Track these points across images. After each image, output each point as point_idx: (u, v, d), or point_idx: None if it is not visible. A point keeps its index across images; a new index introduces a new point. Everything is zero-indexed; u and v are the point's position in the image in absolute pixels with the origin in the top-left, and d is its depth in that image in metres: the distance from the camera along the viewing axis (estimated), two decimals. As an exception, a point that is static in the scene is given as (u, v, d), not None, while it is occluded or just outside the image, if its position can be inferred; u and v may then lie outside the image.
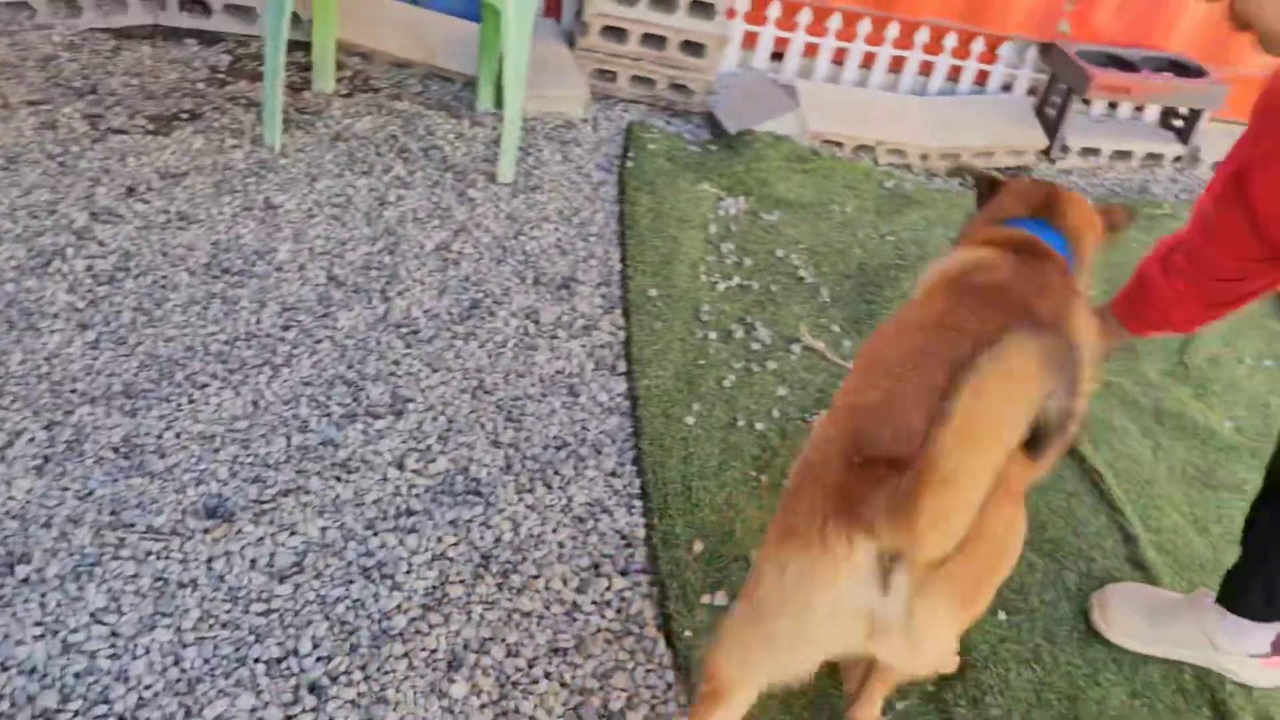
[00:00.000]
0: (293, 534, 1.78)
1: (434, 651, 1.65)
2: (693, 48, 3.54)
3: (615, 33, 3.51)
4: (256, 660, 1.59)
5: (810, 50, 3.91)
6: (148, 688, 1.52)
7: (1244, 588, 1.79)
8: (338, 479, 1.91)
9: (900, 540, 1.09)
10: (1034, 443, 1.05)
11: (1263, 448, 2.50)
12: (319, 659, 1.61)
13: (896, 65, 4.01)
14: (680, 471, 2.07)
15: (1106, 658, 1.89)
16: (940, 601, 1.15)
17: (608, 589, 1.82)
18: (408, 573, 1.76)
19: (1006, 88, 4.14)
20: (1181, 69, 4.03)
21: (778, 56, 3.91)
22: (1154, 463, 2.38)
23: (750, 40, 3.85)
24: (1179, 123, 4.15)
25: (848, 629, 1.18)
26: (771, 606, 1.21)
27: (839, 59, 3.94)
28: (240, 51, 3.30)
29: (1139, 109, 4.26)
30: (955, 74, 4.07)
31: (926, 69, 4.03)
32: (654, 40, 3.52)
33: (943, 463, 1.02)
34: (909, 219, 3.23)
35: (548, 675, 1.66)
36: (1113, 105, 4.23)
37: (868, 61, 3.98)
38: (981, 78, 4.10)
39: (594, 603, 1.79)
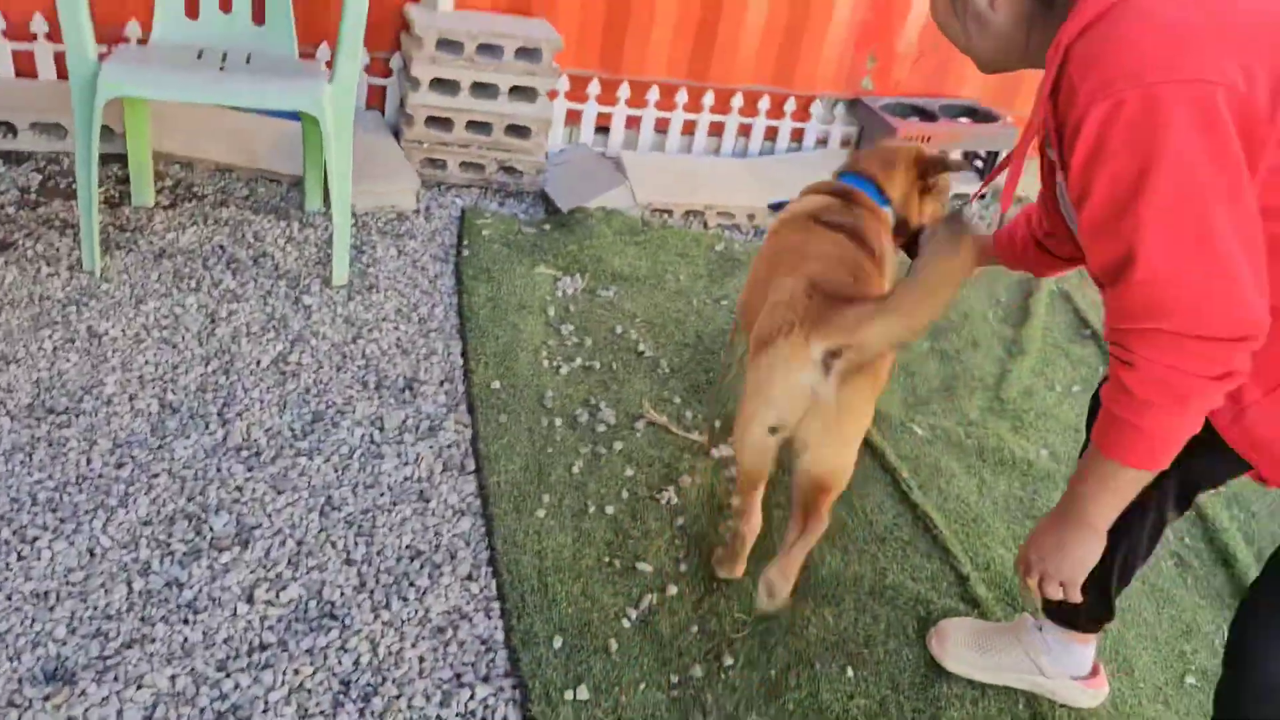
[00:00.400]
0: (140, 688, 1.74)
1: (298, 791, 1.64)
2: (519, 130, 3.63)
3: (440, 122, 3.56)
4: (110, 829, 1.54)
5: (633, 122, 4.05)
6: None
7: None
8: (185, 621, 1.88)
9: (845, 343, 1.65)
10: None
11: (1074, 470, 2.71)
12: (177, 818, 1.57)
13: (717, 130, 4.20)
14: (535, 567, 2.12)
15: (950, 695, 2.02)
16: (859, 387, 1.72)
17: (471, 699, 1.84)
18: (265, 712, 1.74)
19: (822, 142, 4.38)
20: (975, 114, 4.35)
21: (603, 130, 4.04)
22: (979, 500, 2.56)
23: (574, 117, 3.97)
24: (979, 163, 4.46)
25: (799, 400, 1.74)
26: (756, 387, 1.79)
27: (662, 128, 4.10)
28: (51, 169, 3.21)
29: (943, 153, 4.57)
30: (772, 134, 4.28)
31: (746, 131, 4.23)
32: (480, 126, 3.59)
33: (896, 305, 1.58)
34: (739, 281, 3.37)
35: (416, 798, 1.67)
36: (920, 151, 4.52)
37: (689, 129, 4.15)
38: (798, 135, 4.32)
39: (458, 715, 1.81)
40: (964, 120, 4.33)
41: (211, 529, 2.08)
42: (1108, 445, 1.33)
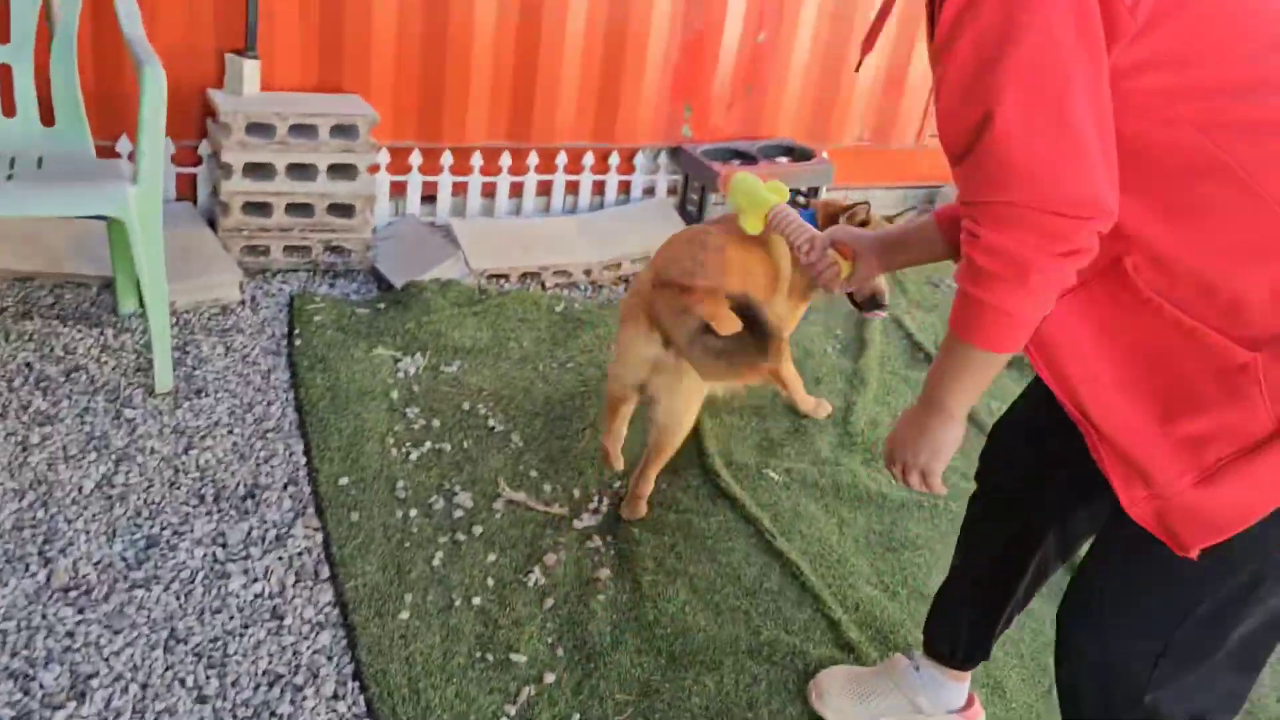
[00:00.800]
0: None
1: None
2: (342, 209, 3.53)
3: (258, 207, 3.43)
4: None
5: (459, 189, 4.01)
6: None
7: (931, 630, 2.03)
8: (20, 796, 1.71)
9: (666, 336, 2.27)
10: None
11: (928, 498, 2.81)
12: None
13: (544, 188, 4.20)
14: (405, 675, 2.03)
15: (835, 745, 2.04)
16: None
17: (350, 830, 1.75)
18: None
19: (649, 192, 4.44)
20: (792, 152, 4.51)
21: (430, 199, 3.98)
22: (840, 539, 2.61)
23: (399, 189, 3.90)
24: (801, 199, 4.62)
25: (646, 366, 2.36)
26: (618, 355, 2.45)
27: (489, 192, 4.08)
28: None
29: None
30: (600, 188, 4.32)
31: (573, 187, 4.25)
32: (301, 208, 3.48)
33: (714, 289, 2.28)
34: (583, 341, 3.37)
35: None
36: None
37: (516, 190, 4.14)
38: (624, 187, 4.37)
39: None
40: (782, 160, 4.47)
41: (41, 685, 1.90)
42: (959, 326, 1.34)
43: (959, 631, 1.99)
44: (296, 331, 3.14)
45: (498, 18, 3.78)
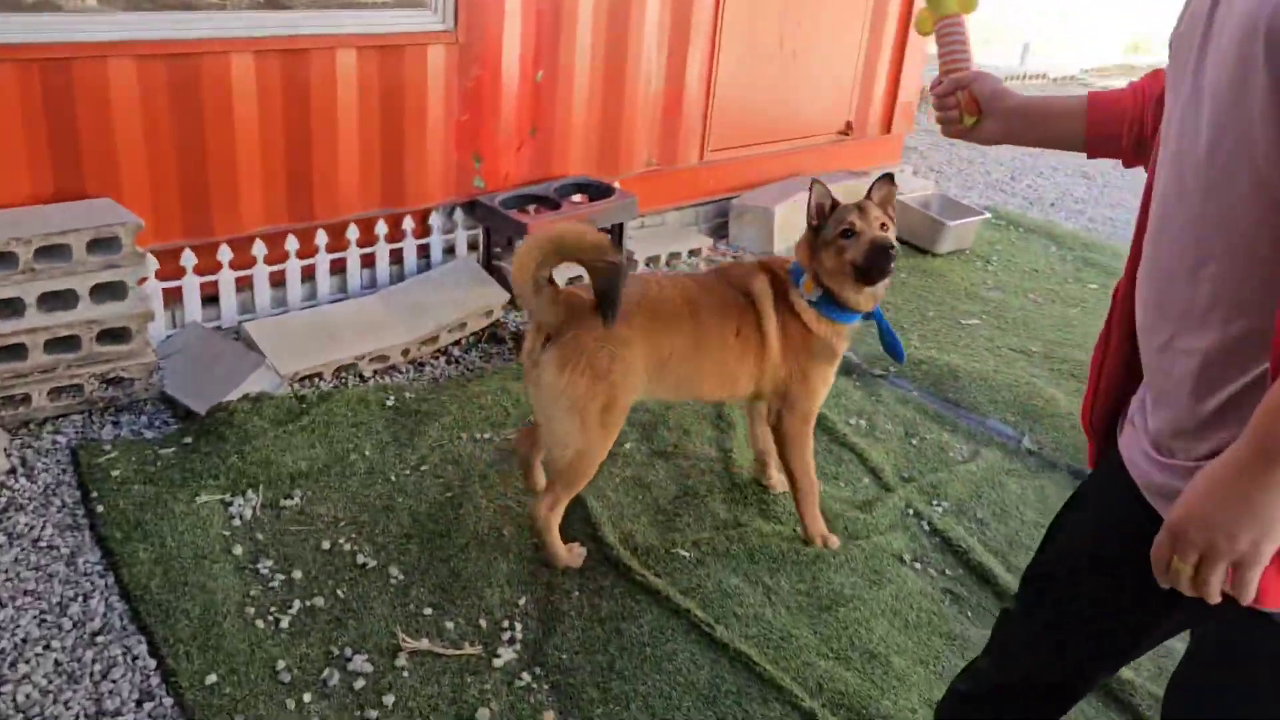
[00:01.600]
0: None
1: None
2: (114, 334, 3.00)
3: (10, 351, 2.85)
4: None
5: (244, 283, 3.54)
6: None
7: None
8: None
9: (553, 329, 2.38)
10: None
11: (844, 547, 2.71)
12: None
13: (339, 267, 3.80)
14: None
15: None
16: (554, 354, 2.36)
17: None
18: None
19: (450, 251, 4.13)
20: (588, 189, 4.33)
21: (212, 300, 3.49)
22: (774, 611, 2.46)
23: (174, 295, 3.39)
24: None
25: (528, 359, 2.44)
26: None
27: (279, 280, 3.63)
28: None
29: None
30: (398, 257, 3.96)
31: (369, 261, 3.88)
32: (63, 343, 2.92)
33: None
34: (430, 436, 3.03)
35: None
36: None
37: (309, 273, 3.71)
38: (424, 251, 4.04)
39: None
40: (578, 198, 4.28)
41: None
42: None
43: None
44: (93, 495, 2.62)
45: (259, 93, 3.36)
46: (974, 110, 1.62)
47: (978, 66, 1.68)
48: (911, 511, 2.95)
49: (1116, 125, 1.51)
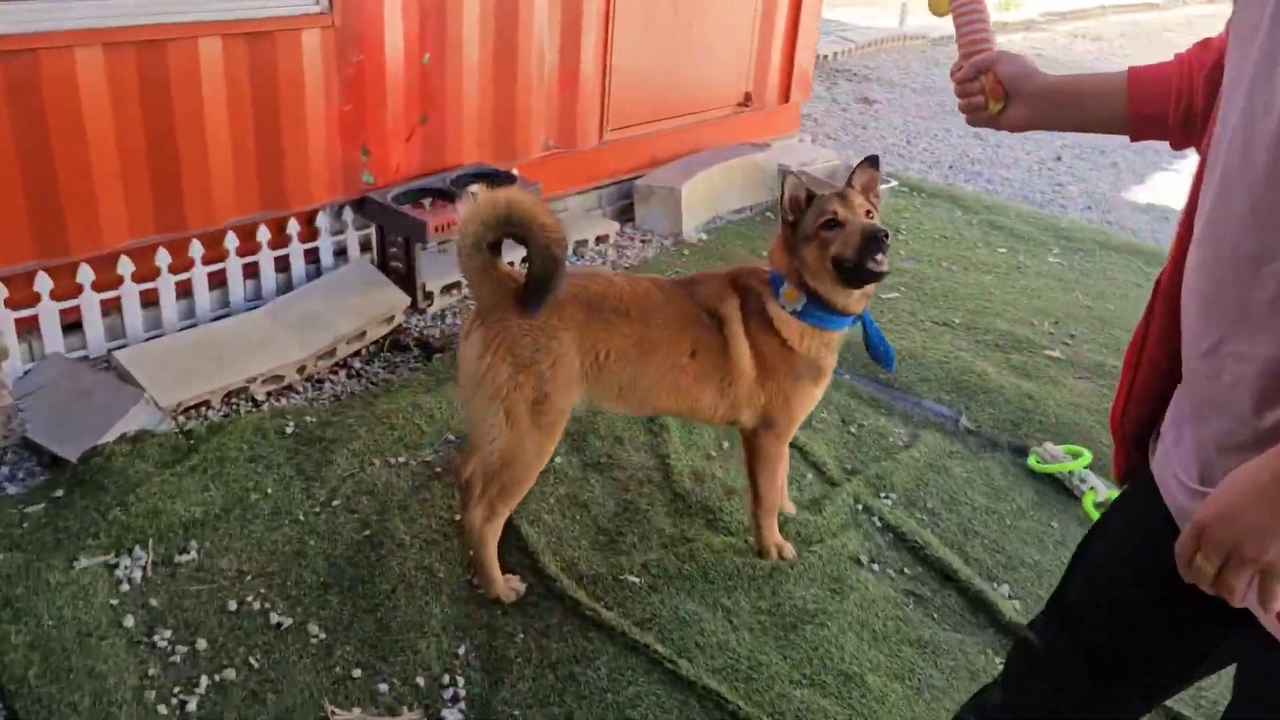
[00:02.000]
0: None
1: None
2: (-39, 378, 2.62)
3: None
4: None
5: (110, 305, 3.16)
6: None
7: None
8: None
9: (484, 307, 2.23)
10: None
11: (800, 555, 2.55)
12: None
13: (218, 280, 3.44)
14: None
15: None
16: (479, 335, 2.21)
17: None
18: None
19: (341, 253, 3.81)
20: (488, 177, 4.05)
21: (75, 328, 3.10)
22: (738, 637, 2.28)
23: (29, 324, 2.99)
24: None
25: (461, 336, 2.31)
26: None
27: (151, 300, 3.26)
28: None
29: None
30: (284, 264, 3.62)
31: (253, 271, 3.53)
32: (-102, 393, 2.53)
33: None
34: (338, 465, 2.74)
35: None
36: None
37: (185, 289, 3.35)
38: (312, 255, 3.71)
39: None
40: (476, 188, 3.98)
41: None
42: None
43: None
44: (-51, 569, 2.26)
45: (111, 91, 2.97)
46: (1000, 95, 1.44)
47: (998, 46, 1.50)
48: (861, 507, 2.81)
49: (1162, 103, 1.35)
